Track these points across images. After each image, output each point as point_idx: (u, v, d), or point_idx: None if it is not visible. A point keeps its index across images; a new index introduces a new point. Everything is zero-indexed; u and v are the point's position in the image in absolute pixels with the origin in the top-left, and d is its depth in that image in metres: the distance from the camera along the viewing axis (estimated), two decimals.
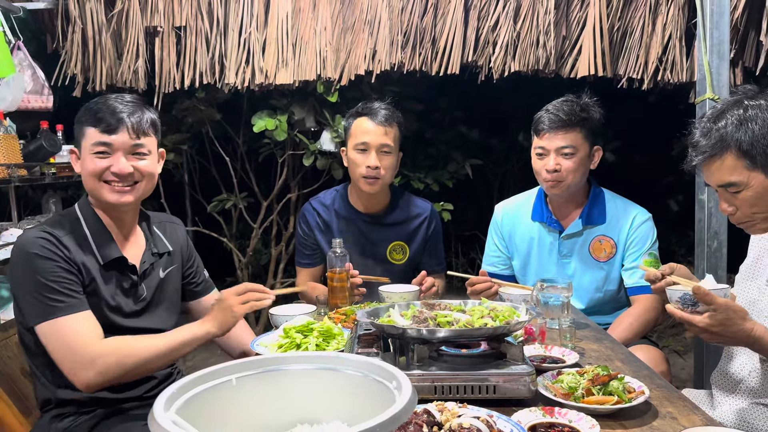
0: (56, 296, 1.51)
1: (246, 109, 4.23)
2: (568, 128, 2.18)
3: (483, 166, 5.54)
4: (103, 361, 1.49)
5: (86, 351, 1.49)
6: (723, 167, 1.46)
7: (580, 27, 3.18)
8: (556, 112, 2.19)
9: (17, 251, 1.56)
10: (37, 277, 1.51)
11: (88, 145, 1.61)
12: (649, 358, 1.95)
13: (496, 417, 1.15)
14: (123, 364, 1.51)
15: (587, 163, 2.25)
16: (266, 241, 4.78)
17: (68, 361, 1.50)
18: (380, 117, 2.33)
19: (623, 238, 2.27)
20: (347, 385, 1.02)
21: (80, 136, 1.64)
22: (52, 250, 1.54)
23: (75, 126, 1.65)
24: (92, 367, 1.49)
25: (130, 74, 3.37)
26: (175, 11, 3.33)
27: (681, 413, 1.28)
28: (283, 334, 1.70)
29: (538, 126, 2.24)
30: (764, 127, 1.41)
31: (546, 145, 2.21)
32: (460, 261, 6.06)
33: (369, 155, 2.33)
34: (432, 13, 3.22)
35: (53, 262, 1.54)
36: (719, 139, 1.45)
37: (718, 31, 2.65)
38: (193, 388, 0.95)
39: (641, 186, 4.93)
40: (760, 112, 1.42)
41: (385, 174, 2.36)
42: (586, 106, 2.22)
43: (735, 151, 1.43)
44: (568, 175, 2.20)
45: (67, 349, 1.50)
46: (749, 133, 1.41)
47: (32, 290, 1.51)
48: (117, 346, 1.53)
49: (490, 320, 1.44)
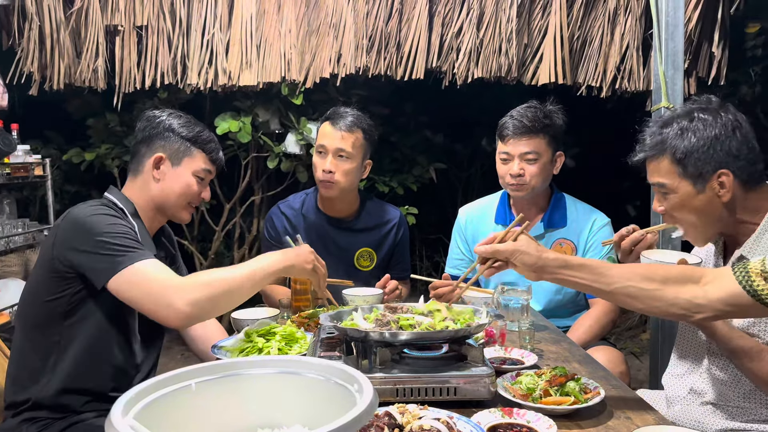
0: (124, 247, 1.51)
1: (209, 111, 4.18)
2: (532, 134, 2.23)
3: (447, 171, 5.59)
4: (191, 291, 1.48)
5: (169, 287, 1.49)
6: (658, 168, 1.54)
7: (541, 35, 3.25)
8: (521, 119, 2.23)
9: (72, 222, 1.56)
10: (101, 234, 1.51)
11: (193, 167, 1.75)
12: (608, 359, 2.01)
13: (456, 418, 1.16)
14: (209, 289, 1.50)
15: (550, 169, 2.31)
16: (229, 244, 4.73)
17: (155, 299, 1.48)
18: (341, 122, 2.32)
19: (583, 241, 2.33)
20: (309, 389, 1.02)
21: (185, 153, 1.74)
22: (109, 211, 1.58)
23: (178, 139, 1.74)
24: (181, 299, 1.47)
25: (90, 73, 3.30)
26: (136, 10, 3.28)
27: (635, 413, 1.32)
28: (245, 338, 1.69)
29: (503, 132, 2.28)
30: (701, 140, 1.47)
31: (510, 151, 2.26)
32: (424, 264, 6.09)
33: (325, 159, 2.33)
34: (397, 19, 3.25)
35: (114, 217, 1.57)
36: (659, 141, 1.53)
37: (673, 42, 2.73)
38: (151, 393, 0.94)
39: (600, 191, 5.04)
40: (702, 126, 1.49)
41: (341, 179, 2.33)
42: (549, 113, 2.27)
43: (670, 156, 1.51)
44: (532, 179, 2.25)
45: (150, 290, 1.48)
46: (686, 143, 1.48)
47: (98, 248, 1.50)
48: (197, 278, 1.55)
49: (451, 323, 1.46)
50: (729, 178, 1.47)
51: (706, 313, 1.28)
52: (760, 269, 1.18)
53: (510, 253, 1.37)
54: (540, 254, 1.35)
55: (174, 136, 1.74)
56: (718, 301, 1.25)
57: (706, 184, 1.49)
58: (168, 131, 1.74)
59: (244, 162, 4.18)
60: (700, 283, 1.28)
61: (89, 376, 1.61)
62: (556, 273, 1.34)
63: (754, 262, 1.21)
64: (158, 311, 1.49)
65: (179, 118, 1.78)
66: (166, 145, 1.74)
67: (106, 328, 1.61)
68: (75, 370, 1.59)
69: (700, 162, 1.47)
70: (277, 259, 1.67)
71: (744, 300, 1.21)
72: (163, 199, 1.74)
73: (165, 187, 1.73)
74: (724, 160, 1.47)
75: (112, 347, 1.64)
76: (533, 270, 1.36)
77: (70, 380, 1.59)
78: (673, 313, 1.32)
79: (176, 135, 1.75)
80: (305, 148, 3.77)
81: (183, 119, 1.79)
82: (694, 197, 1.51)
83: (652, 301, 1.30)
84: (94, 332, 1.60)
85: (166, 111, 1.81)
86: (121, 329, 1.65)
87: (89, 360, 1.61)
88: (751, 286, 1.19)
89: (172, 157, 1.74)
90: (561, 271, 1.34)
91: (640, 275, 1.31)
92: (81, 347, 1.59)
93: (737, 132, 1.48)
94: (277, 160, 3.95)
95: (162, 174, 1.73)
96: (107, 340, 1.63)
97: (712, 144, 1.47)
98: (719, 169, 1.47)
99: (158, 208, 1.76)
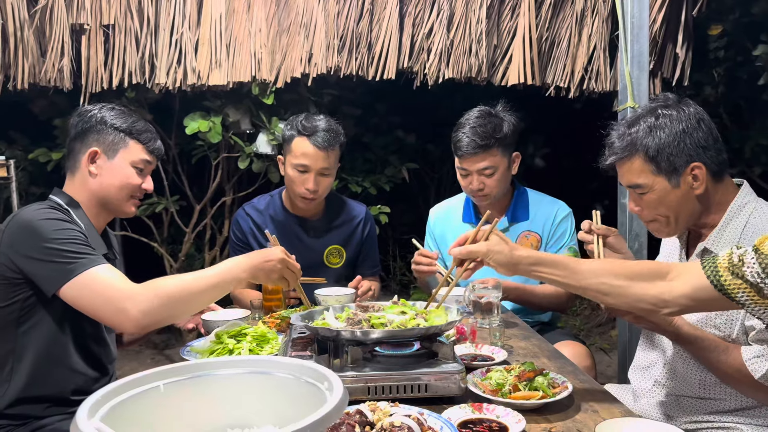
0: (74, 253, 1.47)
1: (178, 111, 4.13)
2: (486, 151, 2.27)
3: (420, 171, 5.62)
4: (144, 298, 1.45)
5: (123, 293, 1.46)
6: (632, 169, 1.56)
7: (510, 36, 3.29)
8: (473, 137, 2.25)
9: (19, 227, 1.51)
10: (50, 240, 1.47)
11: (130, 158, 1.72)
12: (575, 354, 2.04)
13: (427, 414, 1.17)
14: (164, 301, 1.48)
15: (509, 173, 2.38)
16: (199, 245, 4.67)
17: (108, 307, 1.46)
18: (322, 140, 2.30)
19: (547, 232, 2.41)
20: (279, 389, 1.02)
21: (119, 145, 1.72)
22: (57, 215, 1.53)
23: (112, 131, 1.71)
24: (134, 305, 1.44)
25: (55, 73, 3.24)
26: (102, 9, 3.22)
27: (602, 406, 1.34)
28: (215, 340, 1.68)
29: (457, 150, 2.32)
30: (670, 136, 1.51)
31: (467, 167, 2.31)
32: (397, 264, 6.11)
33: (308, 178, 2.32)
34: (368, 19, 3.25)
35: (62, 221, 1.52)
36: (630, 143, 1.55)
37: (638, 44, 2.79)
38: (119, 395, 0.93)
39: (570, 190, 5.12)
40: (669, 122, 1.52)
41: (323, 193, 2.40)
42: (499, 124, 2.29)
43: (642, 155, 1.53)
44: (492, 190, 2.32)
45: (103, 297, 1.46)
46: (656, 140, 1.51)
47: (47, 255, 1.46)
48: (154, 285, 1.50)
49: (422, 321, 1.47)
50: (702, 170, 1.51)
51: (672, 307, 1.31)
52: (727, 263, 1.22)
53: (484, 253, 1.40)
54: (513, 252, 1.39)
55: (107, 128, 1.69)
56: (683, 296, 1.28)
57: (680, 179, 1.52)
58: (101, 124, 1.69)
59: (215, 162, 4.14)
60: (667, 278, 1.31)
61: (48, 383, 1.58)
62: (530, 270, 1.38)
63: (722, 257, 1.24)
64: (111, 318, 1.47)
65: (112, 110, 1.73)
66: (99, 138, 1.69)
67: (62, 332, 1.58)
68: (32, 378, 1.55)
69: (673, 156, 1.51)
70: (241, 265, 1.60)
71: (710, 294, 1.24)
72: (103, 194, 1.70)
73: (103, 181, 1.69)
74: (695, 152, 1.51)
75: (69, 351, 1.60)
76: (507, 268, 1.40)
77: (29, 388, 1.55)
78: (642, 308, 1.36)
79: (109, 127, 1.69)
80: (277, 149, 3.75)
81: (116, 111, 1.73)
82: (670, 193, 1.54)
83: (621, 297, 1.34)
84: (50, 337, 1.57)
85: (99, 105, 1.76)
86: (78, 332, 1.61)
87: (47, 366, 1.57)
88: (718, 280, 1.22)
89: (107, 151, 1.69)
90: (534, 268, 1.38)
91: (610, 272, 1.34)
92: (37, 353, 1.56)
93: (702, 124, 1.52)
94: (248, 161, 3.92)
95: (99, 168, 1.68)
96: (64, 344, 1.59)
97: (682, 138, 1.51)
98: (691, 162, 1.51)
99: (101, 203, 1.71)
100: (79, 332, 1.61)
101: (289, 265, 1.68)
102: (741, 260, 1.21)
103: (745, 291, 1.19)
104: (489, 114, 2.31)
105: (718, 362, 1.49)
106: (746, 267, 1.19)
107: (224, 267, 1.60)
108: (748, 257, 1.20)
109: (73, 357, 1.61)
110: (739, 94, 4.52)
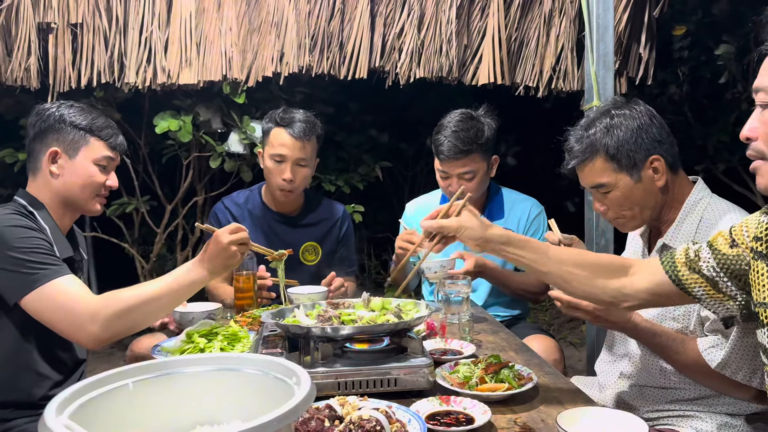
0: (37, 264, 1.45)
1: (148, 110, 4.09)
2: (467, 156, 2.30)
3: (393, 169, 5.65)
4: (104, 314, 1.44)
5: (84, 308, 1.44)
6: (594, 170, 1.61)
7: (480, 36, 3.33)
8: (455, 141, 2.28)
9: None
10: (13, 249, 1.45)
11: (92, 156, 1.68)
12: (544, 348, 2.09)
13: (395, 408, 1.20)
14: (124, 315, 1.47)
15: (488, 177, 2.43)
16: (171, 246, 4.63)
17: (68, 321, 1.44)
18: (298, 130, 2.34)
19: (521, 229, 2.46)
20: (247, 385, 1.03)
21: (80, 143, 1.68)
22: (22, 221, 1.50)
23: (71, 129, 1.67)
24: (94, 322, 1.43)
25: (21, 72, 3.18)
26: (70, 7, 3.18)
27: (566, 397, 1.39)
28: (186, 339, 1.68)
29: (438, 154, 2.34)
30: (627, 133, 1.57)
31: (447, 170, 2.34)
32: (372, 263, 6.13)
33: (285, 168, 2.35)
34: (339, 18, 3.26)
35: (28, 229, 1.49)
36: (589, 144, 1.60)
37: (603, 44, 2.85)
38: (87, 393, 0.93)
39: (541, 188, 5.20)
40: (624, 120, 1.59)
41: (300, 185, 2.42)
42: (481, 129, 2.32)
43: (603, 155, 1.59)
44: (472, 193, 2.36)
45: (64, 311, 1.44)
46: (615, 139, 1.57)
47: (10, 264, 1.44)
48: (113, 298, 1.48)
49: (392, 316, 1.49)
50: (661, 162, 1.58)
51: (632, 301, 1.35)
52: (684, 258, 1.27)
53: (455, 229, 1.40)
54: (485, 229, 1.39)
55: (66, 126, 1.66)
56: (643, 290, 1.33)
57: (641, 173, 1.58)
58: (60, 122, 1.66)
59: (186, 162, 4.11)
60: (629, 274, 1.35)
61: (15, 388, 1.56)
62: (500, 248, 1.38)
63: (679, 252, 1.29)
64: (70, 333, 1.47)
65: (71, 107, 1.70)
66: (59, 137, 1.66)
67: (26, 338, 1.56)
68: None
69: (632, 152, 1.57)
70: (196, 264, 1.58)
71: (668, 289, 1.29)
72: (67, 194, 1.67)
73: (66, 181, 1.66)
74: (652, 146, 1.57)
75: (35, 357, 1.58)
76: (478, 244, 1.40)
77: None
78: (603, 300, 1.40)
79: (69, 125, 1.66)
80: (249, 148, 3.74)
81: (75, 108, 1.70)
82: (633, 188, 1.59)
83: (582, 287, 1.38)
84: (15, 343, 1.55)
85: (57, 102, 1.72)
86: (44, 337, 1.58)
87: (11, 371, 1.55)
88: (676, 275, 1.27)
89: (67, 150, 1.66)
90: (503, 247, 1.38)
91: (575, 261, 1.38)
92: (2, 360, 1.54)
93: (654, 120, 1.60)
94: (219, 160, 3.90)
95: (60, 168, 1.65)
96: (29, 350, 1.57)
97: (638, 133, 1.57)
98: (650, 155, 1.57)
99: (65, 203, 1.68)
100: (45, 338, 1.59)
101: (235, 238, 1.61)
102: (697, 255, 1.25)
103: (701, 285, 1.24)
104: (471, 118, 2.33)
105: (676, 354, 1.54)
106: (702, 262, 1.24)
107: (182, 270, 1.58)
108: (704, 252, 1.25)
109: (39, 362, 1.59)
110: (702, 92, 4.63)
